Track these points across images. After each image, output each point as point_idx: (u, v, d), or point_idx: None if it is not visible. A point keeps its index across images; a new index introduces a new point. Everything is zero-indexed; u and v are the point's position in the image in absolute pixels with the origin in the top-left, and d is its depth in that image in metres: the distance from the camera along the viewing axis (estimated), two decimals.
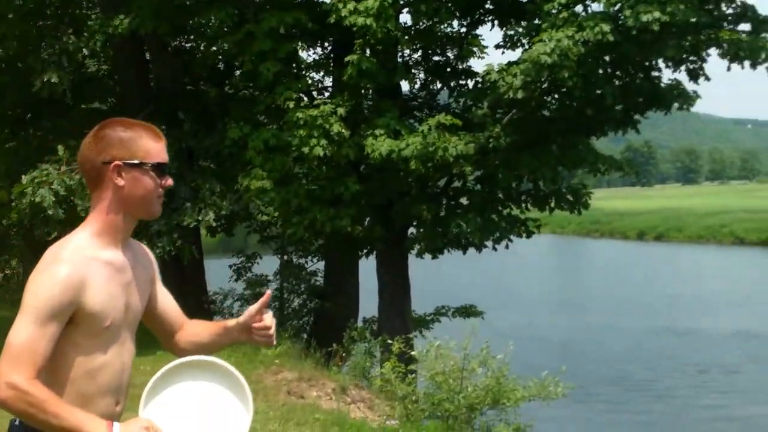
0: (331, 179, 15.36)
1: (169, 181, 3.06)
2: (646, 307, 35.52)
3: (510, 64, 14.82)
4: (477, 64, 16.93)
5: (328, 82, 18.33)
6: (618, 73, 15.59)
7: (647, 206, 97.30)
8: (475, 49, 17.82)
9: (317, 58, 18.82)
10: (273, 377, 11.94)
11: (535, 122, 15.79)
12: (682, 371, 24.26)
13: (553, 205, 16.78)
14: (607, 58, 14.91)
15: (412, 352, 12.23)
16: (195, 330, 3.34)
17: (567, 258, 65.95)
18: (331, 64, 17.84)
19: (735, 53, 14.47)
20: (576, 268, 56.45)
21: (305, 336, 17.66)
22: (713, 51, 15.07)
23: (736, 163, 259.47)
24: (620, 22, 13.84)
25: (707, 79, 15.59)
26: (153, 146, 3.00)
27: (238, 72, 17.63)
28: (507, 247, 16.75)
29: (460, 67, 18.02)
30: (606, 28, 13.48)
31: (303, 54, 17.86)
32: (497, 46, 17.29)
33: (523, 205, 17.12)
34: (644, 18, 13.30)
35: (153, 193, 3.01)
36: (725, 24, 15.24)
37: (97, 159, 2.96)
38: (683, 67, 15.53)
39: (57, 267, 2.82)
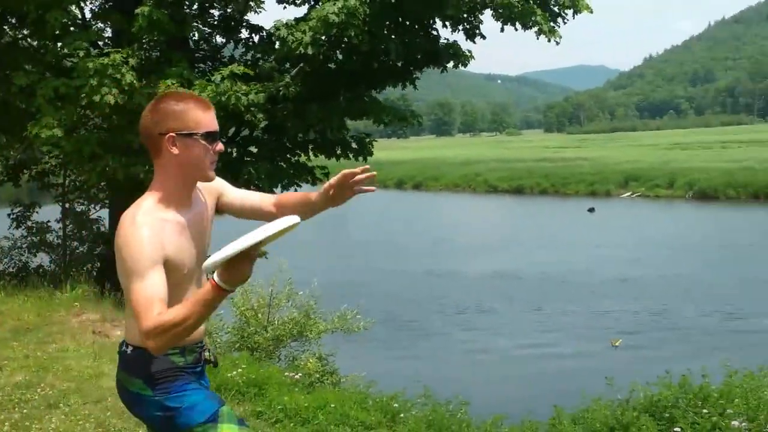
0: (122, 127, 15.33)
1: (220, 146, 3.40)
2: (409, 252, 37.05)
3: (298, 20, 15.41)
4: (256, 18, 17.30)
5: (109, 33, 18.14)
6: (400, 30, 16.43)
7: (404, 157, 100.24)
8: (252, 3, 18.22)
9: (95, 9, 18.60)
10: (77, 318, 12.01)
11: (323, 75, 16.45)
12: (442, 311, 25.48)
13: (339, 152, 17.68)
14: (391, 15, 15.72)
15: None
16: (283, 202, 3.80)
17: None
18: (115, 15, 17.70)
19: (508, 16, 15.69)
20: (339, 216, 57.12)
21: (93, 280, 17.74)
22: (488, 12, 16.26)
23: (486, 116, 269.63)
24: None
25: (483, 38, 16.82)
26: (202, 116, 3.33)
27: (13, 20, 17.27)
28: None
29: (239, 19, 18.26)
30: None
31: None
32: (279, 1, 17.82)
33: (311, 153, 17.89)
34: None
35: (205, 159, 3.36)
36: None
37: (155, 130, 3.32)
38: (461, 27, 16.66)
39: (138, 230, 3.22)
